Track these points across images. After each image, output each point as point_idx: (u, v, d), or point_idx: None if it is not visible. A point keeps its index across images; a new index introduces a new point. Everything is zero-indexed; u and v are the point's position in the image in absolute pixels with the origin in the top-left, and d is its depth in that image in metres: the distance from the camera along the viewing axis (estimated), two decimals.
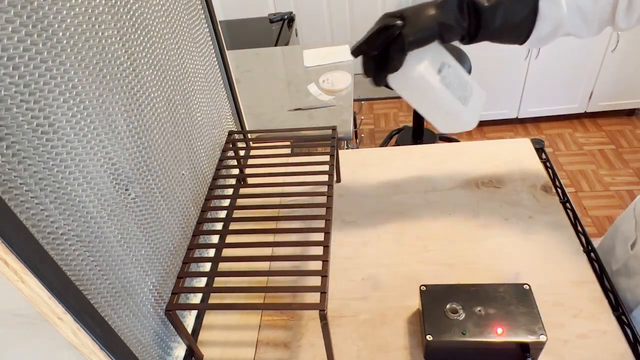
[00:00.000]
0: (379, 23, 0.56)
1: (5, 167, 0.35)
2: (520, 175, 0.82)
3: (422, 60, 0.56)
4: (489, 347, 0.54)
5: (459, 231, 0.74)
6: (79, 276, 0.43)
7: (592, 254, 0.67)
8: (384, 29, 0.55)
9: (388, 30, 0.55)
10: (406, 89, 0.58)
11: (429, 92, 0.57)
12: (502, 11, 0.56)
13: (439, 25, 0.55)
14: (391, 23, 0.55)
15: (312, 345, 0.62)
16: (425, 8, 0.56)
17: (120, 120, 0.50)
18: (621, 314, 0.60)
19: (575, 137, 2.36)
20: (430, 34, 0.55)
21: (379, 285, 0.68)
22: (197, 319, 0.67)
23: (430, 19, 0.55)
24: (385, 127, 2.63)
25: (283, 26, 2.18)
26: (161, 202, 0.59)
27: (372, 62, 0.58)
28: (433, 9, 0.55)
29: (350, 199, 0.83)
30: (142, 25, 0.54)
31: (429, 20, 0.55)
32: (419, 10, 0.55)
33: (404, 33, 0.54)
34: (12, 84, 0.35)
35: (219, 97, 0.82)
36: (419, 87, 0.57)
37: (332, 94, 1.46)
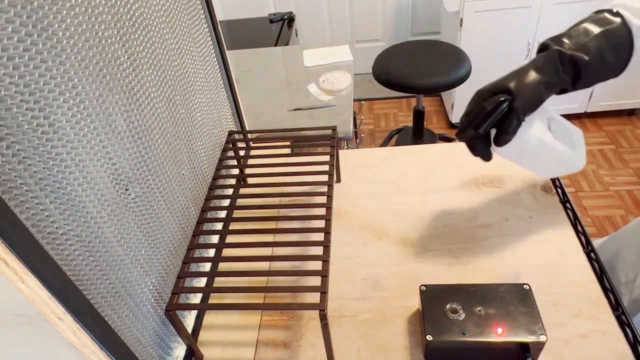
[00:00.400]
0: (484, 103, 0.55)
1: (5, 167, 0.35)
2: (520, 175, 0.82)
3: (533, 124, 0.56)
4: (489, 347, 0.54)
5: (459, 231, 0.74)
6: (79, 276, 0.43)
7: (592, 254, 0.67)
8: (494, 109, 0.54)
9: (499, 108, 0.54)
10: (519, 154, 0.58)
11: (546, 151, 0.58)
12: (600, 60, 0.55)
13: (545, 88, 0.55)
14: (500, 100, 0.54)
15: (312, 345, 0.62)
16: (527, 73, 0.55)
17: (120, 120, 0.50)
18: (621, 314, 0.60)
19: None
20: (540, 100, 0.55)
21: (379, 285, 0.68)
22: (197, 319, 0.67)
23: (537, 86, 0.55)
24: (385, 127, 2.63)
25: (283, 26, 2.18)
26: (161, 202, 0.59)
27: (479, 140, 0.58)
28: (534, 72, 0.55)
29: (350, 199, 0.83)
30: (142, 25, 0.54)
31: (536, 87, 0.55)
32: (521, 78, 0.55)
33: (516, 106, 0.54)
34: (12, 84, 0.35)
35: (219, 97, 0.82)
36: (535, 149, 0.57)
37: (332, 94, 1.46)
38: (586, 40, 0.55)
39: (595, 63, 0.55)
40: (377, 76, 1.81)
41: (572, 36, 0.56)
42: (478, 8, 2.05)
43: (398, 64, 1.81)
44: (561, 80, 0.56)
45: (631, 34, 0.55)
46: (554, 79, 0.55)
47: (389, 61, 1.83)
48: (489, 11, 2.06)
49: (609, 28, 0.55)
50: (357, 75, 1.70)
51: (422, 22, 2.78)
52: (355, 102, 1.82)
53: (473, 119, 0.56)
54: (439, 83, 1.71)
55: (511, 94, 0.54)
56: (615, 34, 0.55)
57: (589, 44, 0.55)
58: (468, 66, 1.76)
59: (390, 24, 2.81)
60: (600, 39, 0.55)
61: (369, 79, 2.82)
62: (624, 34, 0.55)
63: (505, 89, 0.55)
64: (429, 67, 1.78)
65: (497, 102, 0.53)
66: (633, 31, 0.55)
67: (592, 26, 0.56)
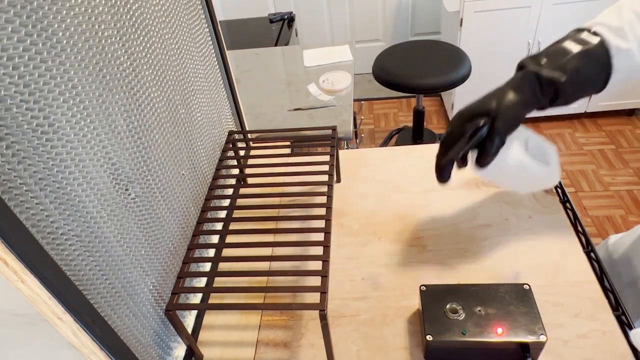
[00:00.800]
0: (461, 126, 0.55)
1: (5, 167, 0.35)
2: None
3: (512, 144, 0.57)
4: (489, 347, 0.54)
5: (459, 231, 0.74)
6: (79, 276, 0.43)
7: (592, 254, 0.67)
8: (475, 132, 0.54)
9: (479, 131, 0.54)
10: (499, 174, 0.59)
11: (524, 170, 0.58)
12: (577, 80, 0.55)
13: (524, 108, 0.55)
14: (478, 124, 0.54)
15: (312, 345, 0.62)
16: (506, 95, 0.55)
17: (120, 120, 0.50)
18: (621, 314, 0.60)
19: (575, 137, 2.36)
20: (519, 120, 0.56)
21: (379, 285, 0.68)
22: (197, 319, 0.67)
23: (516, 107, 0.55)
24: (385, 127, 2.63)
25: (283, 26, 2.18)
26: (161, 202, 0.59)
27: (450, 165, 0.58)
28: (513, 93, 0.55)
29: (350, 199, 0.83)
30: (142, 25, 0.54)
31: (515, 108, 0.55)
32: (501, 99, 0.55)
33: (497, 128, 0.54)
34: (12, 84, 0.35)
35: (219, 97, 0.82)
36: (514, 169, 0.58)
37: (332, 94, 1.46)
38: (564, 61, 0.54)
39: (573, 83, 0.54)
40: (377, 76, 1.81)
41: (550, 56, 0.55)
42: (478, 8, 2.05)
43: (398, 64, 1.81)
44: (539, 101, 0.56)
45: (609, 53, 0.54)
46: (532, 100, 0.55)
47: (389, 61, 1.83)
48: (489, 11, 2.06)
49: (587, 48, 0.54)
50: (357, 75, 1.71)
51: (422, 22, 2.78)
52: (355, 102, 1.82)
53: (454, 143, 0.56)
54: (439, 83, 1.72)
55: (491, 116, 0.54)
56: (594, 54, 0.54)
57: (567, 65, 0.54)
58: (468, 66, 1.76)
59: (390, 24, 2.81)
60: (579, 59, 0.54)
61: (369, 79, 2.83)
62: (603, 54, 0.54)
63: (486, 110, 0.55)
64: (429, 67, 1.78)
65: (477, 126, 0.54)
66: (612, 51, 0.54)
67: (571, 46, 0.55)
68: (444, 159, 0.58)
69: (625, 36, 0.54)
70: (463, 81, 1.74)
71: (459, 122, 0.56)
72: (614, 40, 0.54)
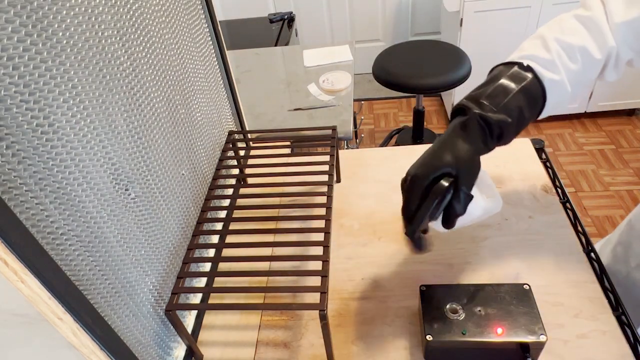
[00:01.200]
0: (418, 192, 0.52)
1: (5, 167, 0.35)
2: (520, 175, 0.82)
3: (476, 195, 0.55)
4: (489, 347, 0.54)
5: (459, 231, 0.74)
6: (79, 276, 0.43)
7: (592, 254, 0.67)
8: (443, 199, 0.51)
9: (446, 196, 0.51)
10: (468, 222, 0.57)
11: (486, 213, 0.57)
12: (521, 117, 0.54)
13: (478, 156, 0.54)
14: (443, 187, 0.50)
15: (312, 345, 0.62)
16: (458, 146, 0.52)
17: (120, 120, 0.50)
18: (621, 314, 0.60)
19: (575, 137, 2.36)
20: (478, 170, 0.54)
21: (379, 285, 0.68)
22: (197, 319, 0.67)
23: (473, 157, 0.53)
24: (385, 127, 2.63)
25: (283, 26, 2.18)
26: (161, 202, 0.59)
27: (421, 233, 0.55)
28: (466, 144, 0.52)
29: (350, 199, 0.83)
30: (142, 25, 0.54)
31: (472, 159, 0.53)
32: (456, 154, 0.52)
33: (461, 185, 0.51)
34: (12, 84, 0.35)
35: (219, 97, 0.82)
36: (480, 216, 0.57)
37: (332, 94, 1.46)
38: (506, 101, 0.53)
39: (517, 122, 0.54)
40: (377, 76, 1.81)
41: (491, 96, 0.54)
42: (478, 8, 2.05)
43: (398, 64, 1.81)
44: (489, 145, 0.54)
45: (544, 87, 0.54)
46: (482, 146, 0.53)
47: (389, 61, 1.83)
48: (489, 11, 2.06)
49: (525, 85, 0.54)
50: (357, 75, 1.70)
51: (422, 22, 2.78)
52: (355, 102, 1.82)
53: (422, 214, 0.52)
54: (439, 83, 1.72)
55: (453, 175, 0.51)
56: (531, 90, 0.54)
57: (509, 104, 0.53)
58: (468, 66, 1.76)
59: (390, 24, 2.81)
60: (519, 98, 0.53)
61: (369, 79, 2.82)
62: (538, 89, 0.55)
63: (446, 170, 0.51)
64: (429, 67, 1.78)
65: (443, 190, 0.50)
66: (545, 85, 0.54)
67: (508, 84, 0.54)
68: (412, 231, 0.54)
69: (557, 69, 0.54)
70: (463, 81, 1.74)
71: (417, 188, 0.52)
72: (547, 74, 0.54)
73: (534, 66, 0.55)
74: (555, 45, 0.55)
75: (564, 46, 0.55)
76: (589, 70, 0.57)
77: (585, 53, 0.55)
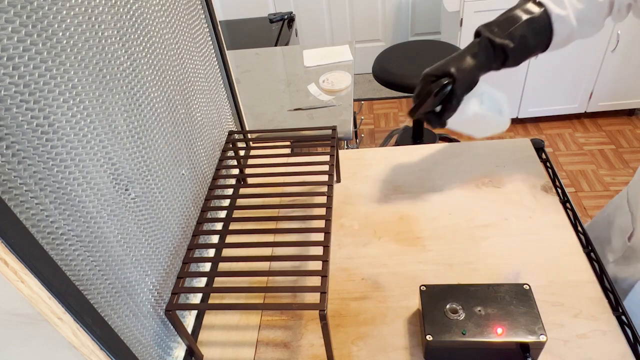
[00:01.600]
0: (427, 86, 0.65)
1: (5, 167, 0.35)
2: (520, 175, 0.82)
3: (470, 100, 0.68)
4: (489, 347, 0.54)
5: (459, 231, 0.74)
6: (79, 276, 0.43)
7: (592, 254, 0.67)
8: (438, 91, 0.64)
9: (443, 90, 0.64)
10: (461, 125, 0.70)
11: (480, 120, 0.70)
12: (524, 45, 0.65)
13: (479, 70, 0.66)
14: (442, 84, 0.64)
15: (312, 345, 0.62)
16: (464, 60, 0.65)
17: (120, 120, 0.50)
18: (621, 314, 0.60)
19: (575, 137, 2.36)
20: (474, 80, 0.66)
21: (379, 285, 0.68)
22: (197, 319, 0.67)
23: (472, 71, 0.65)
24: (385, 127, 2.63)
25: (283, 26, 2.18)
26: (161, 202, 0.59)
27: (432, 115, 0.68)
28: (470, 59, 0.65)
29: (350, 199, 0.83)
30: (142, 25, 0.54)
31: (471, 71, 0.65)
32: (459, 64, 0.65)
33: (455, 89, 0.64)
34: (12, 84, 0.35)
35: (219, 97, 0.82)
36: (472, 120, 0.69)
37: (332, 94, 1.46)
38: (512, 29, 0.64)
39: (520, 48, 0.65)
40: (377, 76, 1.81)
41: (501, 24, 0.65)
42: (478, 8, 2.05)
43: (398, 64, 1.81)
44: (492, 63, 0.66)
45: (551, 20, 0.65)
46: (486, 63, 0.66)
47: (389, 61, 1.83)
48: (489, 11, 2.06)
49: (532, 17, 0.65)
50: (357, 75, 1.71)
51: (422, 22, 2.78)
52: (355, 102, 1.82)
53: (423, 100, 0.66)
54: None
55: (452, 78, 0.64)
56: (537, 21, 0.65)
57: (515, 32, 0.64)
58: None
59: (390, 24, 2.81)
60: (525, 27, 0.64)
61: (369, 79, 2.82)
62: (544, 21, 0.65)
63: (447, 73, 0.64)
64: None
65: (442, 86, 0.64)
66: (552, 17, 0.65)
67: (518, 14, 0.65)
68: (416, 114, 0.68)
69: (564, 5, 0.65)
70: None
71: (425, 82, 0.66)
72: (555, 9, 0.65)
73: (544, 1, 0.65)
74: None
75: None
76: (594, 10, 0.65)
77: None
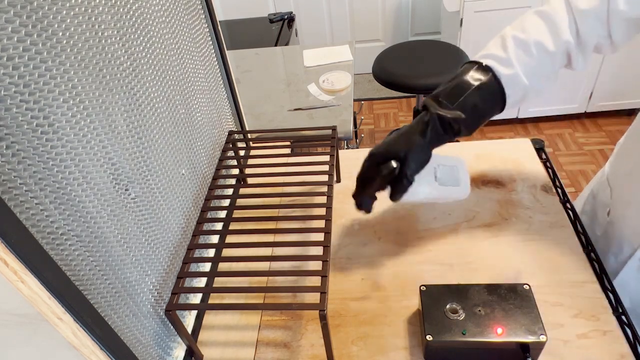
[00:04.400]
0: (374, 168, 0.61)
1: (5, 167, 0.35)
2: (520, 175, 0.82)
3: (421, 182, 0.63)
4: (489, 347, 0.54)
5: (459, 231, 0.74)
6: (79, 276, 0.42)
7: (592, 254, 0.67)
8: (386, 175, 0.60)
9: (392, 174, 0.60)
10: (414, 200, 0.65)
11: (435, 197, 0.66)
12: (476, 113, 0.61)
13: (429, 148, 0.61)
14: (389, 168, 0.59)
15: (312, 345, 0.62)
16: (412, 140, 0.60)
17: (120, 120, 0.50)
18: (621, 314, 0.60)
19: (575, 137, 2.36)
20: (425, 160, 0.61)
21: (379, 285, 0.68)
22: (197, 319, 0.67)
23: (423, 150, 0.60)
24: (385, 127, 2.63)
25: (283, 26, 2.18)
26: (161, 202, 0.59)
27: (369, 199, 0.64)
28: (420, 138, 0.60)
29: (350, 199, 0.82)
30: (142, 25, 0.54)
31: (422, 151, 0.60)
32: (407, 144, 0.60)
33: (406, 171, 0.59)
34: (12, 84, 0.35)
35: (219, 97, 0.82)
36: (425, 199, 0.65)
37: (332, 94, 1.46)
38: (462, 99, 0.60)
39: (472, 117, 0.60)
40: (377, 76, 1.81)
41: (449, 94, 0.61)
42: (478, 8, 2.05)
43: (398, 64, 1.81)
44: (443, 139, 0.61)
45: (501, 83, 0.60)
46: (436, 140, 0.61)
47: (389, 61, 1.83)
48: (489, 11, 2.06)
49: (481, 83, 0.60)
50: (357, 75, 1.70)
51: (422, 22, 2.78)
52: (355, 102, 1.82)
53: (369, 183, 0.62)
54: (439, 83, 1.70)
55: (400, 160, 0.59)
56: (487, 87, 0.60)
57: (465, 102, 0.60)
58: None
59: (390, 24, 2.81)
60: (475, 95, 0.60)
61: (369, 79, 2.82)
62: (494, 86, 0.60)
63: (396, 155, 0.59)
64: (429, 67, 1.78)
65: (390, 169, 0.59)
66: (502, 80, 0.60)
67: (466, 82, 0.60)
68: (361, 196, 0.64)
69: (511, 64, 0.60)
70: None
71: (372, 163, 0.62)
72: (503, 70, 0.60)
73: (492, 64, 0.60)
74: (512, 42, 0.61)
75: (519, 43, 0.60)
76: (545, 63, 0.61)
77: (540, 47, 0.60)
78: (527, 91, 0.62)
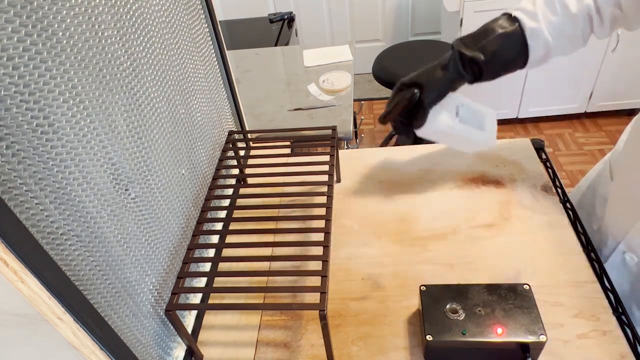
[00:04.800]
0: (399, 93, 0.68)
1: (5, 167, 0.35)
2: (520, 175, 0.82)
3: (441, 112, 0.68)
4: (489, 347, 0.54)
5: (459, 231, 0.74)
6: (79, 276, 0.42)
7: (592, 254, 0.67)
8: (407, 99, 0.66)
9: (409, 99, 0.66)
10: (434, 136, 0.71)
11: (454, 133, 0.70)
12: (497, 59, 0.64)
13: (449, 82, 0.66)
14: (410, 92, 0.66)
15: (312, 345, 0.62)
16: (434, 71, 0.67)
17: (120, 120, 0.50)
18: (621, 314, 0.60)
19: (575, 137, 2.35)
20: (443, 92, 0.67)
21: (379, 285, 0.68)
22: (197, 319, 0.67)
23: (441, 81, 0.66)
24: (385, 126, 2.63)
25: (283, 26, 2.18)
26: (161, 202, 0.59)
27: (400, 124, 0.71)
28: (440, 70, 0.66)
29: (350, 199, 0.83)
30: (142, 25, 0.54)
31: (440, 81, 0.66)
32: (429, 75, 0.67)
33: (423, 97, 0.66)
34: (12, 84, 0.35)
35: (219, 97, 0.82)
36: (445, 132, 0.70)
37: (332, 94, 1.46)
38: (485, 42, 0.64)
39: (493, 62, 0.64)
40: (377, 76, 1.81)
41: (474, 37, 0.65)
42: (478, 8, 2.05)
43: (398, 64, 1.81)
44: (463, 77, 0.66)
45: (525, 35, 0.64)
46: (456, 76, 0.66)
47: (389, 61, 1.83)
48: (489, 11, 2.06)
49: (505, 32, 0.64)
50: (357, 75, 1.70)
51: (422, 22, 2.78)
52: (355, 102, 1.82)
53: (395, 106, 0.68)
54: None
55: (420, 87, 0.66)
56: (511, 36, 0.64)
57: (487, 45, 0.64)
58: None
59: (390, 24, 2.81)
60: (497, 41, 0.64)
61: (369, 79, 2.82)
62: (518, 36, 0.64)
63: (419, 83, 0.66)
64: None
65: (412, 93, 0.66)
66: (526, 32, 0.64)
67: (492, 28, 0.65)
68: (387, 118, 0.71)
69: (537, 18, 0.63)
70: None
71: (398, 89, 0.69)
72: (529, 22, 0.64)
73: (520, 15, 0.64)
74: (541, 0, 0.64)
75: (547, 0, 0.64)
76: (568, 23, 0.64)
77: (564, 7, 0.63)
78: (550, 48, 0.64)
